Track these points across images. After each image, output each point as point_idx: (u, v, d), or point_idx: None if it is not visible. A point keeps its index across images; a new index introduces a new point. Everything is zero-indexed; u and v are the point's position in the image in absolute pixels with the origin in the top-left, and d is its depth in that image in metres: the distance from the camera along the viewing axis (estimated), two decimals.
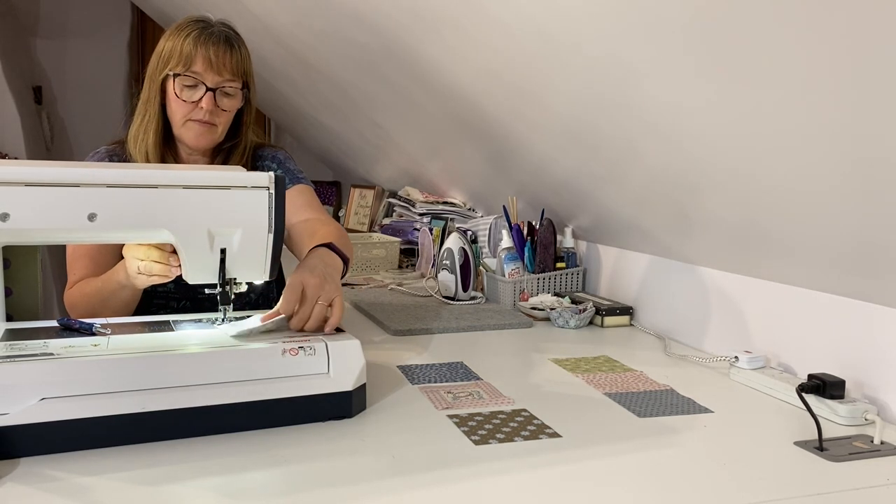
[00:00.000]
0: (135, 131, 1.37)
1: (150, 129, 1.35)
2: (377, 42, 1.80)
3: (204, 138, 1.35)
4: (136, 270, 1.12)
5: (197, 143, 1.35)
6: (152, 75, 1.34)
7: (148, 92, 1.35)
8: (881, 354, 1.07)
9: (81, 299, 1.30)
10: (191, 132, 1.34)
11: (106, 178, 0.93)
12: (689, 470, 0.87)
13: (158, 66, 1.33)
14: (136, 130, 1.37)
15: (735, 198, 1.19)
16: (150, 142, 1.35)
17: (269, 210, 1.01)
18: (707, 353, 1.38)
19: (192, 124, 1.33)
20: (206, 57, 1.30)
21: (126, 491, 0.78)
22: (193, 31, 1.32)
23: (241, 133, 1.43)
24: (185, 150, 1.40)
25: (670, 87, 1.08)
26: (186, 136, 1.35)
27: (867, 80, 0.81)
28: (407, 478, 0.83)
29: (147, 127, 1.35)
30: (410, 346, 1.41)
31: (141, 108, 1.36)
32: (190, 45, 1.30)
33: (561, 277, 1.82)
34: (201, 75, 1.31)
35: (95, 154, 1.42)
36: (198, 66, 1.30)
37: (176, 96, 1.31)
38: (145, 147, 1.35)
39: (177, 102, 1.32)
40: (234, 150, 1.43)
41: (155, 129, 1.35)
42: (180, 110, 1.32)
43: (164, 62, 1.32)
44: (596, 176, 1.53)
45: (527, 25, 1.24)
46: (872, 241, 1.00)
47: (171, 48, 1.31)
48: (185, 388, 0.91)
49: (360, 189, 3.30)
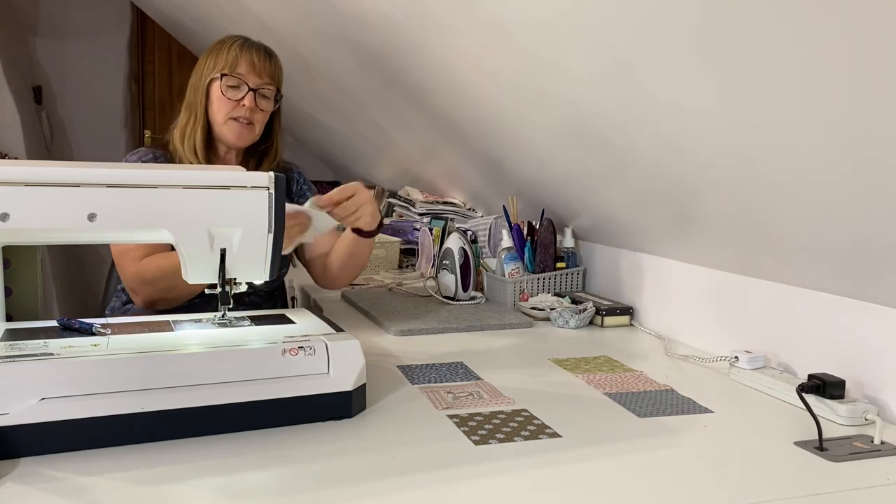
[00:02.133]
0: (181, 131, 1.51)
1: (198, 128, 1.49)
2: (377, 42, 1.80)
3: (243, 136, 1.50)
4: None
5: (237, 140, 1.50)
6: (196, 84, 1.50)
7: (193, 96, 1.50)
8: (881, 354, 1.07)
9: (156, 273, 1.37)
10: (232, 130, 1.49)
11: (106, 178, 0.93)
12: (689, 470, 0.87)
13: (205, 73, 1.49)
14: (182, 130, 1.51)
15: (735, 198, 1.19)
16: (198, 138, 1.49)
17: (269, 210, 1.01)
18: (707, 353, 1.38)
19: (232, 123, 1.48)
20: (249, 61, 1.48)
21: (126, 491, 0.78)
22: (237, 41, 1.50)
23: (273, 136, 1.59)
24: (223, 149, 1.54)
25: (670, 87, 1.08)
26: (228, 134, 1.49)
27: (868, 81, 0.81)
28: (407, 478, 0.83)
29: (195, 127, 1.50)
30: (410, 346, 1.41)
31: (185, 112, 1.51)
32: (235, 51, 1.48)
33: (561, 277, 1.82)
34: (244, 76, 1.47)
35: (135, 154, 1.52)
36: (242, 68, 1.47)
37: (222, 94, 1.47)
38: (193, 143, 1.49)
39: (221, 101, 1.47)
40: (266, 153, 1.59)
41: (202, 127, 1.50)
42: (224, 108, 1.48)
43: (210, 67, 1.49)
44: (596, 176, 1.53)
45: (527, 25, 1.24)
46: (872, 241, 1.00)
47: (217, 56, 1.49)
48: (185, 388, 0.91)
49: None
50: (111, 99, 4.08)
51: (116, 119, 4.12)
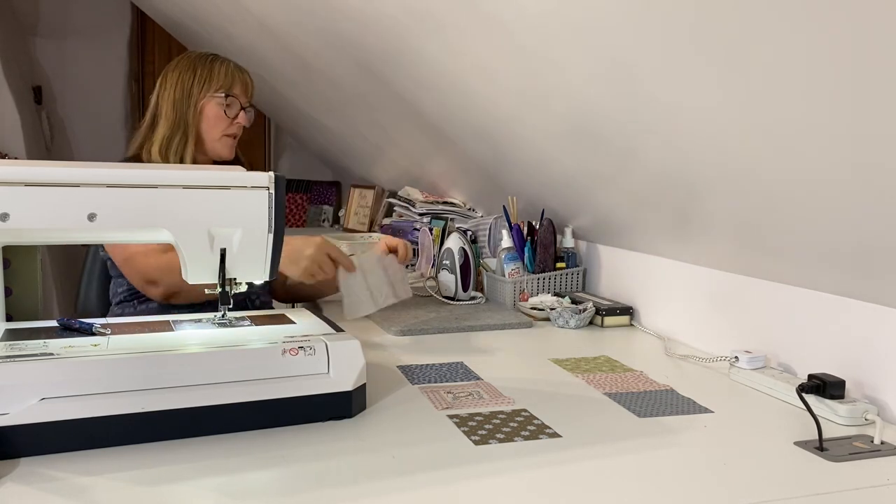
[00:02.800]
0: (162, 145, 1.53)
1: (189, 143, 1.55)
2: (377, 42, 1.80)
3: (232, 149, 1.61)
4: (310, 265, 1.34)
5: (230, 154, 1.60)
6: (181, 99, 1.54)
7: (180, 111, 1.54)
8: (881, 354, 1.07)
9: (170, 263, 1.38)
10: (226, 146, 1.59)
11: (106, 178, 0.93)
12: (689, 470, 0.87)
13: (194, 90, 1.54)
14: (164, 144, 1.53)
15: (735, 198, 1.19)
16: (188, 153, 1.54)
17: (269, 210, 1.01)
18: (707, 353, 1.38)
19: (226, 139, 1.58)
20: (243, 82, 1.59)
21: (126, 491, 0.78)
22: (224, 61, 1.58)
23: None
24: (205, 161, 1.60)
25: (671, 87, 1.08)
26: (223, 149, 1.58)
27: (868, 81, 0.81)
28: (407, 478, 0.83)
29: (183, 141, 1.54)
30: (410, 346, 1.41)
31: (167, 126, 1.53)
32: (230, 72, 1.57)
33: (561, 277, 1.82)
34: (238, 97, 1.58)
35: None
36: (237, 89, 1.57)
37: (223, 114, 1.55)
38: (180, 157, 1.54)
39: (220, 119, 1.56)
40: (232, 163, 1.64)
41: (193, 143, 1.55)
42: (220, 126, 1.56)
43: (203, 86, 1.54)
44: (596, 176, 1.53)
45: (526, 25, 1.24)
46: (872, 241, 1.00)
47: (209, 75, 1.55)
48: (185, 388, 0.91)
49: (360, 189, 3.30)
50: (111, 99, 4.08)
51: (116, 119, 4.11)
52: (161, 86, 1.58)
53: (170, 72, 1.57)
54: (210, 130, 1.56)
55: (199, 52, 1.61)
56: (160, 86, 1.58)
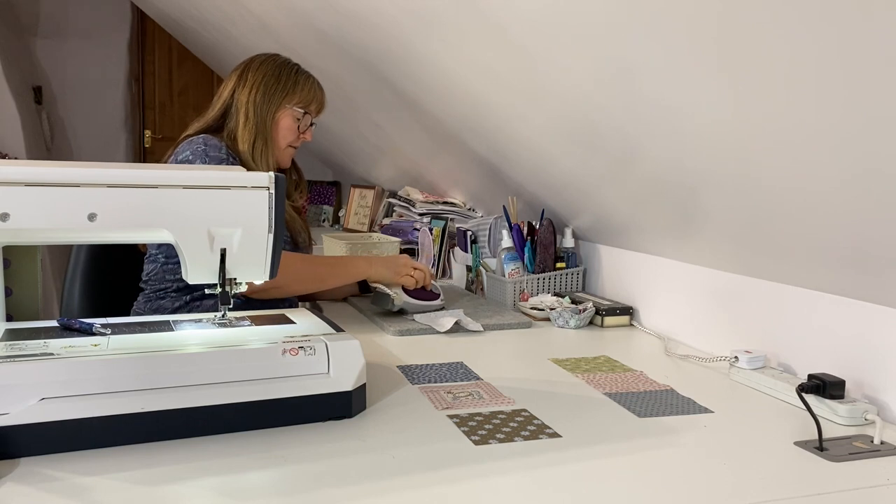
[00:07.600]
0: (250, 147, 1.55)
1: (270, 151, 1.58)
2: (377, 42, 1.80)
3: (290, 159, 1.67)
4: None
5: (289, 163, 1.67)
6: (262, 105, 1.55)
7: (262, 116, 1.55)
8: (881, 354, 1.07)
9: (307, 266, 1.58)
10: (289, 156, 1.65)
11: (106, 178, 0.93)
12: (689, 470, 0.87)
13: (275, 98, 1.56)
14: (250, 146, 1.55)
15: (735, 198, 1.19)
16: (272, 162, 1.58)
17: (269, 210, 1.01)
18: (707, 353, 1.38)
19: (290, 149, 1.64)
20: (320, 101, 1.65)
21: (126, 491, 0.78)
22: (309, 78, 1.63)
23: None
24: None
25: (671, 87, 1.08)
26: (286, 159, 1.64)
27: (868, 81, 0.81)
28: (407, 478, 0.83)
29: (267, 149, 1.57)
30: (410, 346, 1.41)
31: (250, 130, 1.54)
32: (314, 89, 1.63)
33: (561, 277, 1.82)
34: (313, 114, 1.64)
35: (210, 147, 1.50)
36: (313, 106, 1.64)
37: (297, 128, 1.60)
38: (267, 165, 1.57)
39: (292, 131, 1.60)
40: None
41: (273, 148, 1.59)
42: (290, 137, 1.60)
43: (287, 97, 1.58)
44: (596, 176, 1.53)
45: (526, 25, 1.24)
46: (872, 241, 1.00)
47: (294, 87, 1.58)
48: (185, 388, 0.91)
49: (360, 189, 3.30)
50: (111, 99, 4.09)
51: (116, 119, 4.12)
52: (240, 80, 1.57)
53: (251, 71, 1.57)
54: (279, 140, 1.59)
55: (284, 59, 1.62)
56: (238, 79, 1.57)
